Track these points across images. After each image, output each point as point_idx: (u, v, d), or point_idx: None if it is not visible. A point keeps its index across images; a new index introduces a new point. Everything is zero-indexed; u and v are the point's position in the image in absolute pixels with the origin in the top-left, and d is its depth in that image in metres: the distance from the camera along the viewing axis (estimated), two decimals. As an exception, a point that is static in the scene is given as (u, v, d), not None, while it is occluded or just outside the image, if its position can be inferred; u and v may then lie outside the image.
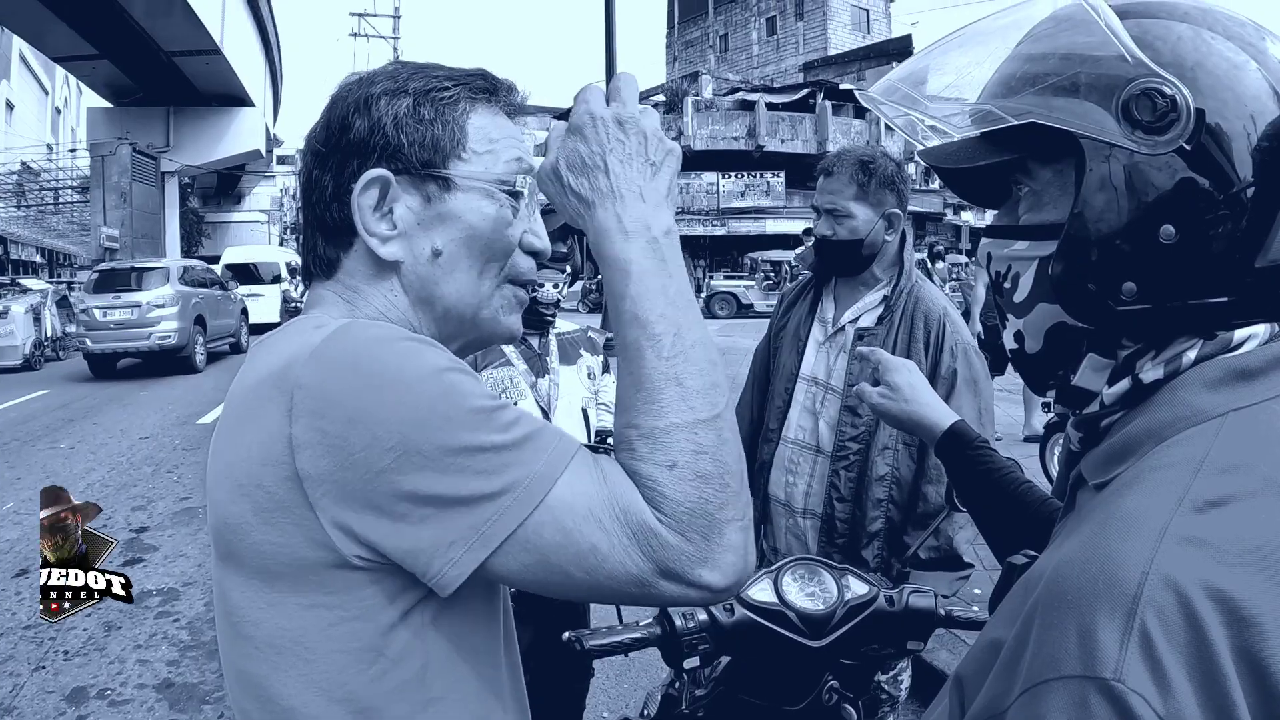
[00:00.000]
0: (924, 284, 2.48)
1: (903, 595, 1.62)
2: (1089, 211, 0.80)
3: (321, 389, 0.82)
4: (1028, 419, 8.48)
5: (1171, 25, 0.79)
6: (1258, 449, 0.69)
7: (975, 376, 2.37)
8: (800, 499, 2.47)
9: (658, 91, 43.76)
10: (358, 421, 0.80)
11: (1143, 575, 0.62)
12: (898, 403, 1.64)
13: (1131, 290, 0.79)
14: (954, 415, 1.60)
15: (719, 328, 22.29)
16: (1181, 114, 0.75)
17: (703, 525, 0.82)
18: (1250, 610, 0.59)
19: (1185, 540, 0.63)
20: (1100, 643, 0.60)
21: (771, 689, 1.59)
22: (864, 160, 2.39)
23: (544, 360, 2.26)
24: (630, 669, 4.08)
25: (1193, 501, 0.66)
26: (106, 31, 30.89)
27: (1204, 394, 0.75)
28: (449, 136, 0.96)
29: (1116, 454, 0.79)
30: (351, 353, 0.84)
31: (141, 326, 15.60)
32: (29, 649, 4.65)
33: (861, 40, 51.89)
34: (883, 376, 1.68)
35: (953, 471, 1.57)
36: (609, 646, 1.53)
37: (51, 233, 40.23)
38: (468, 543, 0.80)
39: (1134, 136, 0.77)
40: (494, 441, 0.81)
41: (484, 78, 1.01)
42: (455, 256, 0.97)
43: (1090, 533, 0.68)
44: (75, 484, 8.17)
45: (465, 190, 0.96)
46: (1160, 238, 0.77)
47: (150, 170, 37.79)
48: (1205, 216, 0.75)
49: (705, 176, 38.11)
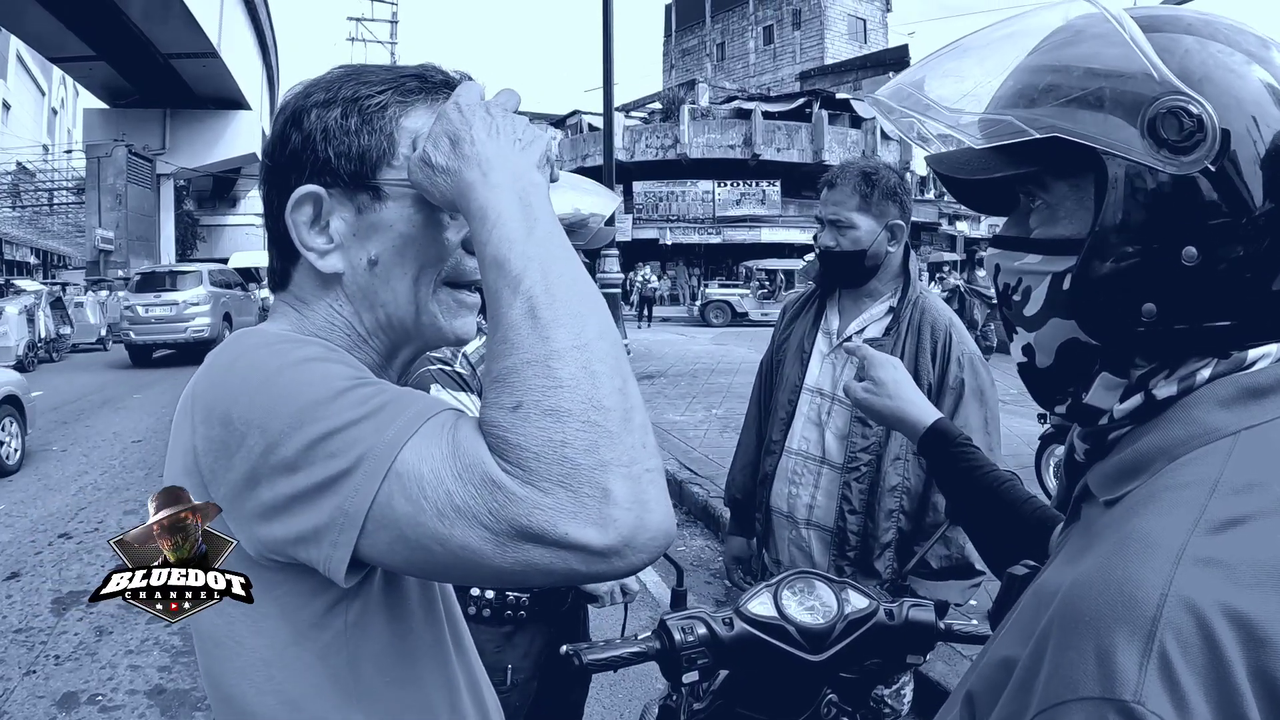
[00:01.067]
0: (928, 294, 2.49)
1: (903, 609, 1.61)
2: (1110, 230, 0.79)
3: (206, 395, 0.87)
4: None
5: (1178, 38, 0.77)
6: (1271, 468, 0.69)
7: (982, 386, 2.38)
8: (804, 510, 2.47)
9: (654, 99, 43.89)
10: (231, 423, 0.83)
11: (1161, 597, 0.61)
12: (881, 398, 1.65)
13: (1151, 311, 0.78)
14: (937, 413, 1.61)
15: (713, 336, 22.33)
16: (1208, 134, 0.73)
17: (560, 472, 0.73)
18: (1266, 630, 0.59)
19: (1203, 562, 0.63)
20: (1119, 665, 0.60)
21: (770, 703, 1.59)
22: (867, 172, 2.40)
23: None
24: (625, 680, 4.07)
25: (1209, 523, 0.66)
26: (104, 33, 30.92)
27: (1217, 412, 0.75)
28: (376, 145, 0.94)
29: (1128, 470, 0.78)
30: (231, 357, 0.89)
31: (179, 321, 18.75)
32: (20, 653, 4.62)
33: (858, 50, 52.08)
34: (868, 372, 1.68)
35: (935, 469, 1.58)
36: (607, 660, 1.52)
37: (46, 234, 40.19)
38: (338, 525, 0.78)
39: (1159, 155, 0.75)
40: (346, 419, 0.79)
41: (420, 77, 0.99)
42: (389, 264, 0.96)
43: (1107, 553, 0.68)
44: (67, 487, 8.14)
45: (396, 199, 0.95)
46: (1183, 259, 0.76)
47: (146, 172, 37.80)
48: (1227, 238, 0.74)
49: (701, 185, 38.20)
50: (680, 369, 14.93)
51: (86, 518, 7.13)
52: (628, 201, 37.02)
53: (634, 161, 37.10)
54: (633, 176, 37.03)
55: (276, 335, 0.91)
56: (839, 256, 2.42)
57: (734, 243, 37.76)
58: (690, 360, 16.38)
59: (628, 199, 37.09)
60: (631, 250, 32.56)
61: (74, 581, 5.65)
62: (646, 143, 38.55)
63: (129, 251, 34.39)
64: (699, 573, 5.71)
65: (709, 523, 6.61)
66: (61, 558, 6.14)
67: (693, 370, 14.76)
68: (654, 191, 38.52)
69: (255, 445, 0.80)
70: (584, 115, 41.96)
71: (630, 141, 37.90)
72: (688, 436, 9.17)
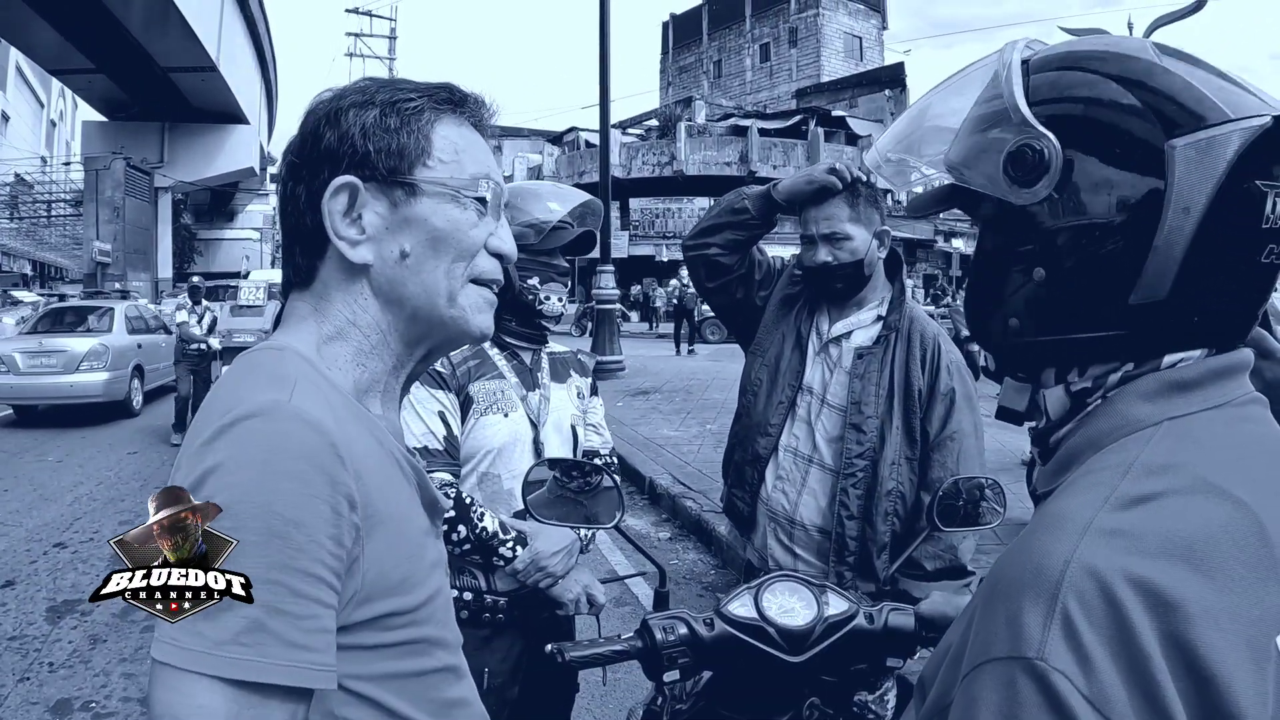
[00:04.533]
0: (915, 305, 2.54)
1: (882, 613, 1.65)
2: (981, 252, 0.91)
3: (203, 479, 0.84)
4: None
5: (1066, 75, 0.83)
6: (1189, 451, 0.74)
7: (969, 393, 2.45)
8: (790, 508, 2.49)
9: (651, 116, 43.99)
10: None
11: (1065, 563, 0.66)
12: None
13: (1016, 325, 0.86)
14: None
15: (710, 352, 22.33)
16: (1050, 166, 0.80)
17: None
18: (1172, 595, 0.63)
19: (1107, 533, 0.68)
20: (1025, 626, 0.65)
21: (753, 705, 1.61)
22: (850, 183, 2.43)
23: (535, 375, 2.29)
24: (615, 690, 4.09)
25: (1119, 499, 0.71)
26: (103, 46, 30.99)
27: (1140, 405, 0.80)
28: (414, 144, 1.00)
29: (1062, 465, 0.84)
30: (233, 421, 0.85)
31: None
32: (14, 660, 4.63)
33: (854, 67, 52.21)
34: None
35: None
36: (590, 658, 1.56)
37: (43, 245, 40.17)
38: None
39: (1011, 190, 0.83)
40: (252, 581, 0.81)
41: (449, 90, 1.05)
42: (422, 257, 1.00)
43: (1024, 533, 0.74)
44: (63, 497, 8.15)
45: (430, 195, 1.00)
46: (1033, 278, 0.84)
47: (144, 185, 37.79)
48: (1071, 257, 0.81)
49: (697, 201, 38.19)
50: (675, 385, 14.95)
51: (82, 527, 7.14)
52: (624, 218, 37.08)
53: (630, 178, 37.14)
54: (629, 193, 37.07)
55: (290, 411, 0.87)
56: (839, 270, 2.44)
57: (730, 259, 37.71)
58: (685, 376, 16.39)
59: (624, 215, 37.15)
60: (628, 267, 32.59)
61: (69, 590, 5.66)
62: (643, 159, 38.63)
63: (126, 264, 34.37)
64: (691, 586, 5.72)
65: (701, 536, 6.64)
66: (56, 567, 6.15)
67: (687, 386, 14.78)
68: (650, 208, 38.58)
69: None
70: (581, 132, 42.04)
71: (627, 158, 37.98)
72: (681, 451, 9.19)
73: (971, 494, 1.87)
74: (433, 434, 2.07)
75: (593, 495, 1.93)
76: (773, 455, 2.54)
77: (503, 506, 2.17)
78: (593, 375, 2.54)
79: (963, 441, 2.41)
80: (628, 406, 12.25)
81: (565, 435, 2.32)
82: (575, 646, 1.57)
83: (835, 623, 1.59)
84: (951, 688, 0.70)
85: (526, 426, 2.23)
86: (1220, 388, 0.79)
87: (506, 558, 2.07)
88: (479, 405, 2.17)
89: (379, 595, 0.91)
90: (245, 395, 0.89)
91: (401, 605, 0.94)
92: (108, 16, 28.05)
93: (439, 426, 2.09)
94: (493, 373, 2.20)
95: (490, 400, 2.18)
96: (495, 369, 2.21)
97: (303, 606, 0.81)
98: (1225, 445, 0.75)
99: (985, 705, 0.65)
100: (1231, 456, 0.74)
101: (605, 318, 15.76)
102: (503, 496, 2.18)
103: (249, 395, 0.88)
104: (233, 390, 0.91)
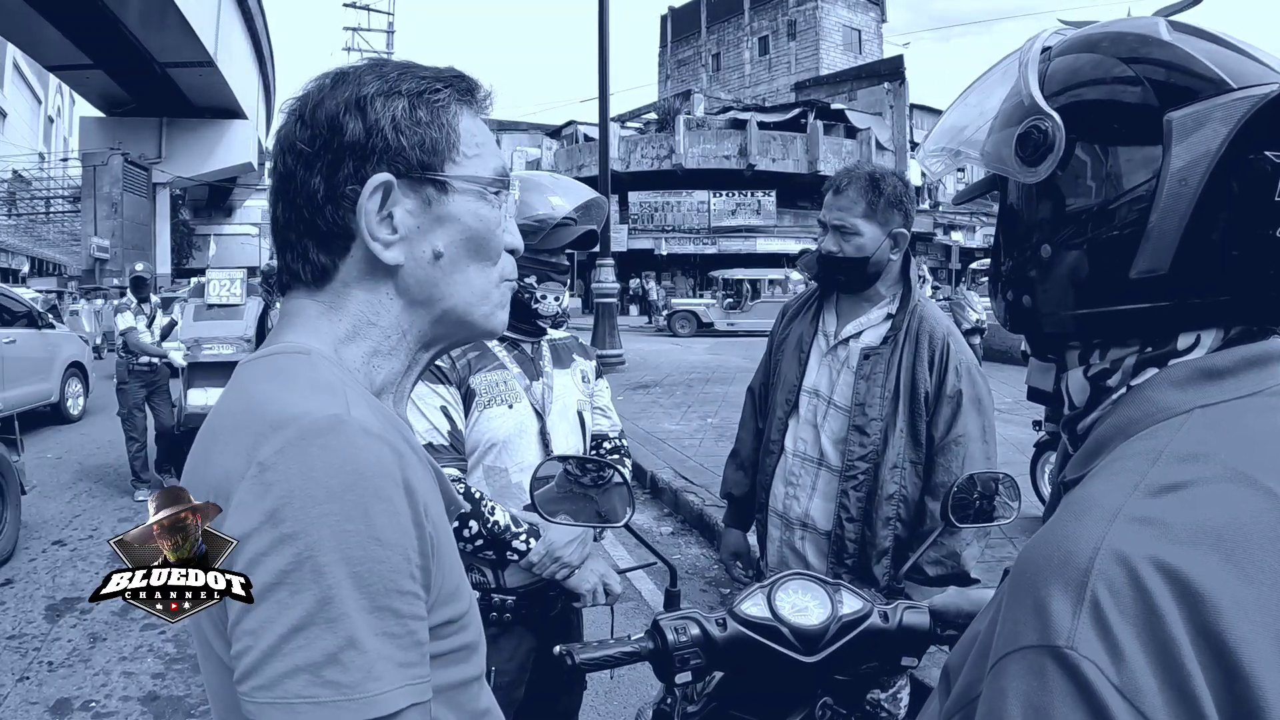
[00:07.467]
0: (927, 303, 2.48)
1: (897, 611, 1.62)
2: (1002, 229, 0.93)
3: (277, 512, 0.77)
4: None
5: (1080, 57, 0.84)
6: (1221, 440, 0.72)
7: (979, 395, 2.38)
8: (799, 511, 2.47)
9: (650, 110, 43.96)
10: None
11: (1094, 550, 0.65)
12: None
13: (1029, 303, 0.89)
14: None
15: (709, 346, 22.33)
16: (1054, 146, 0.82)
17: None
18: (1202, 586, 0.61)
19: (1138, 520, 0.66)
20: (1054, 614, 0.63)
21: (765, 705, 1.59)
22: (874, 178, 2.39)
23: (537, 364, 2.25)
24: (620, 686, 4.06)
25: (1149, 487, 0.69)
26: (101, 41, 30.93)
27: (1171, 392, 0.78)
28: (445, 139, 0.95)
29: (1091, 452, 0.82)
30: (326, 486, 0.78)
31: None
32: (13, 659, 4.60)
33: (853, 60, 52.18)
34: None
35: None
36: (600, 660, 1.53)
37: (42, 242, 40.10)
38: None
39: (1021, 169, 0.86)
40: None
41: (465, 80, 1.00)
42: (456, 258, 0.96)
43: (1053, 519, 0.72)
44: (62, 494, 8.13)
45: (461, 192, 0.96)
46: (1041, 255, 0.86)
47: (142, 181, 37.80)
48: (1076, 235, 0.83)
49: (696, 195, 38.29)
50: (676, 378, 14.92)
51: (81, 525, 7.12)
52: (623, 212, 37.10)
53: (629, 172, 37.18)
54: (628, 187, 37.10)
55: (356, 427, 0.82)
56: (841, 262, 2.41)
57: (729, 253, 37.79)
58: (686, 370, 16.37)
59: (623, 209, 37.17)
60: (627, 260, 32.60)
61: (68, 588, 5.63)
62: (642, 153, 38.66)
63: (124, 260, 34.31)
64: (694, 580, 5.71)
65: (704, 531, 6.61)
66: (55, 564, 6.13)
67: (688, 380, 14.75)
68: (649, 202, 38.60)
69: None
70: (579, 125, 42.07)
71: (626, 152, 38.01)
72: (683, 445, 9.18)
73: (986, 488, 1.84)
74: (436, 430, 2.03)
75: (603, 491, 1.90)
76: (778, 463, 2.53)
77: (512, 501, 2.12)
78: (596, 358, 2.51)
79: (968, 445, 2.36)
80: (628, 400, 12.21)
81: (572, 422, 2.29)
82: (585, 648, 1.53)
83: (849, 622, 1.57)
84: (979, 679, 0.69)
85: (532, 417, 2.19)
86: (1253, 376, 0.77)
87: (521, 551, 2.03)
88: (482, 398, 2.13)
89: (440, 603, 0.87)
90: (291, 409, 0.82)
91: (455, 612, 0.91)
92: (105, 13, 27.98)
93: (442, 422, 2.05)
94: (494, 364, 2.16)
95: (493, 392, 2.14)
96: (496, 360, 2.17)
97: (405, 625, 0.79)
98: (1257, 435, 0.73)
99: (1014, 695, 0.64)
100: (1263, 446, 0.71)
101: (605, 311, 15.74)
102: (511, 490, 2.14)
103: (298, 408, 0.82)
104: (265, 403, 0.84)
